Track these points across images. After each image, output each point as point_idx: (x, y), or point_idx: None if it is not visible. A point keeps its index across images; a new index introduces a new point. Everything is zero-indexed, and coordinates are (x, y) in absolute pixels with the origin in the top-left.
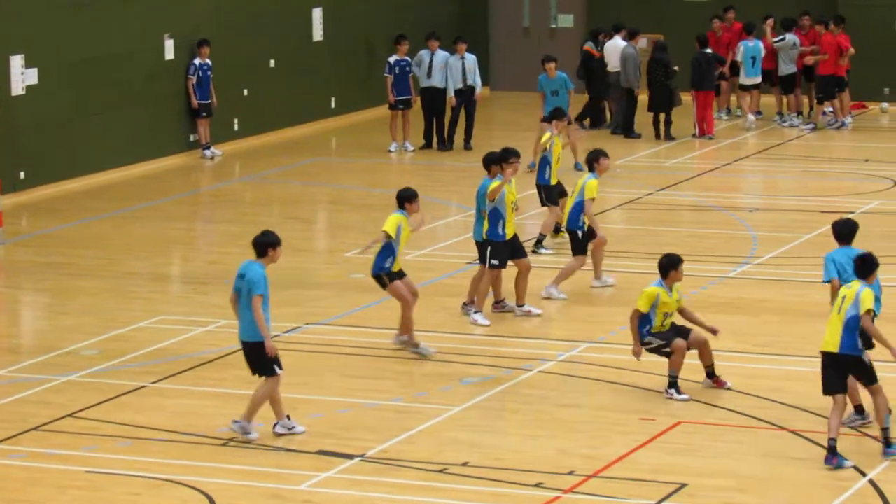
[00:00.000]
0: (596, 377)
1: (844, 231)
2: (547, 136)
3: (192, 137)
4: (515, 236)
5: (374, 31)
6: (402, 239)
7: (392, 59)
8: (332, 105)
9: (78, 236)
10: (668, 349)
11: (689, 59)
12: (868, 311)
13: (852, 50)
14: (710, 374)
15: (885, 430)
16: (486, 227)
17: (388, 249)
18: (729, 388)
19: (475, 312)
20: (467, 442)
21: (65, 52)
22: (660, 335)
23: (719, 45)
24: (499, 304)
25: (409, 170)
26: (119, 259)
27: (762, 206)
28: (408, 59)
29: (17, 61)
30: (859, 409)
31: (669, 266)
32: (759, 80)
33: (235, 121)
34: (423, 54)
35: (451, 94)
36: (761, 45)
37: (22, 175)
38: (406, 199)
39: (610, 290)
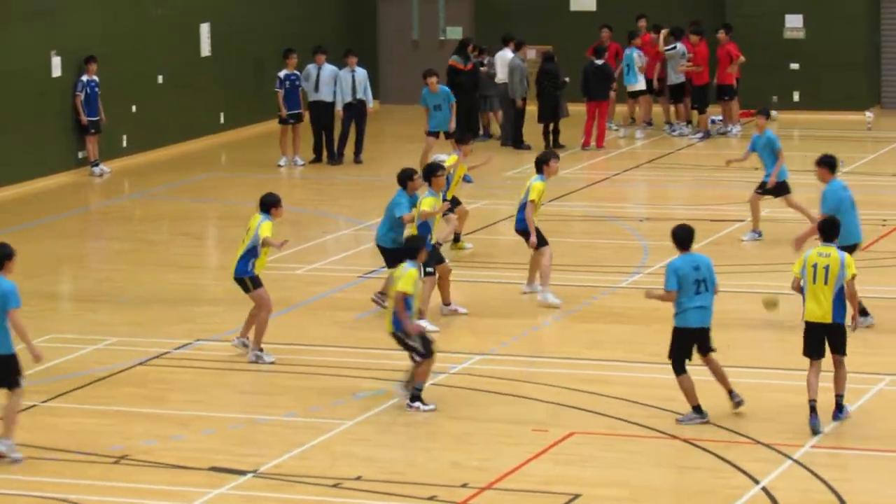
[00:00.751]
0: (488, 389)
1: (685, 237)
2: (454, 159)
3: (80, 154)
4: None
5: (263, 46)
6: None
7: (282, 74)
8: (221, 120)
9: None
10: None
11: (579, 70)
12: (854, 277)
13: (742, 58)
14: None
15: (840, 396)
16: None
17: (252, 253)
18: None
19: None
20: (361, 456)
21: None
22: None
23: (608, 54)
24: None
25: (300, 184)
26: None
27: (652, 216)
28: (297, 73)
29: None
30: (697, 409)
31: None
32: (638, 87)
33: (124, 137)
34: (311, 68)
35: (339, 107)
36: (637, 52)
37: None
38: (272, 204)
39: (498, 301)
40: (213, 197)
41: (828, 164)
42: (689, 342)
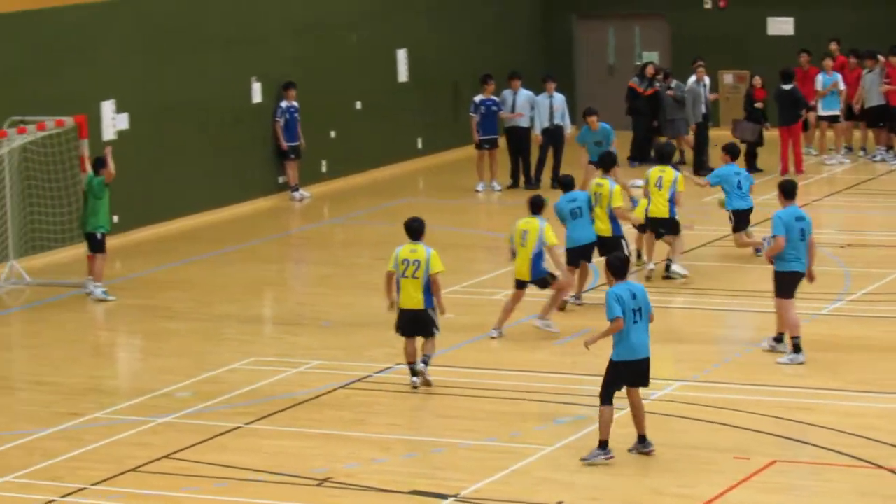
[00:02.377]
0: (689, 415)
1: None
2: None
3: (280, 179)
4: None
5: (460, 72)
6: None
7: (477, 99)
8: (419, 145)
9: (170, 279)
10: None
11: (772, 94)
12: None
13: None
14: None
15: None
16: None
17: (540, 255)
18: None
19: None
20: (561, 481)
21: (155, 97)
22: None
23: (806, 79)
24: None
25: (497, 209)
26: (211, 301)
27: (854, 242)
28: (494, 98)
29: (108, 106)
30: (642, 439)
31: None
32: (834, 112)
33: (323, 162)
34: (507, 94)
35: (537, 132)
36: (832, 76)
37: (115, 219)
38: (543, 205)
39: (698, 329)
40: None
41: None
42: (625, 374)
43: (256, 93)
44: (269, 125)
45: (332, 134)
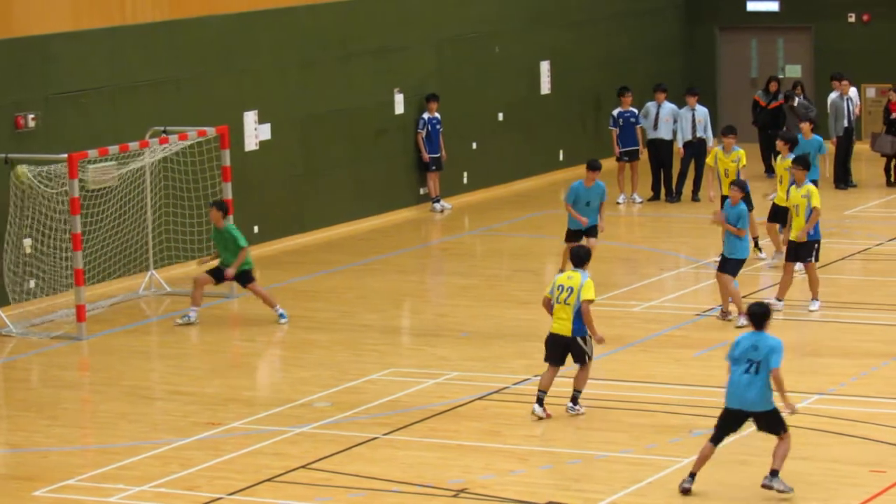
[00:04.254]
0: (826, 429)
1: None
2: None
3: (421, 191)
4: None
5: (602, 84)
6: None
7: (616, 112)
8: (560, 157)
9: (311, 289)
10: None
11: None
12: None
13: None
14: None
15: None
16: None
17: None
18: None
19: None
20: (696, 492)
21: (296, 108)
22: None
23: None
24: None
25: (638, 221)
26: (351, 312)
27: None
28: (633, 110)
29: (250, 117)
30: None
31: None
32: None
33: (465, 174)
34: (650, 106)
35: (679, 145)
36: None
37: (255, 229)
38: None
39: (836, 342)
40: (551, 233)
41: None
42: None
43: (399, 104)
44: (412, 137)
45: (474, 145)
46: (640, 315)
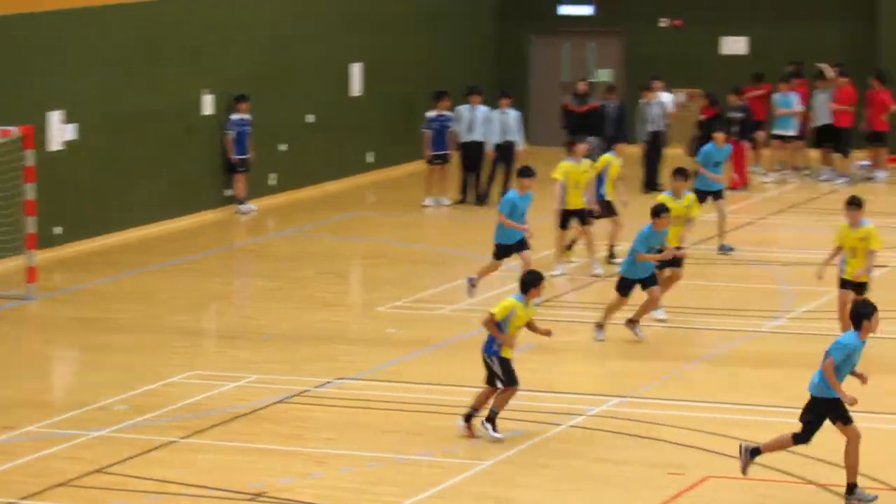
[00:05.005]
0: (625, 431)
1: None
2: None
3: (227, 192)
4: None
5: (413, 87)
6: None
7: (430, 115)
8: (370, 160)
9: (113, 291)
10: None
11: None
12: None
13: (894, 107)
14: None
15: None
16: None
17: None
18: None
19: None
20: (498, 497)
21: (104, 108)
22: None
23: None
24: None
25: (445, 224)
26: (154, 314)
27: (796, 261)
28: (447, 114)
29: (55, 117)
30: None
31: (530, 284)
32: (787, 132)
33: (272, 176)
34: (464, 109)
35: (489, 147)
36: (786, 96)
37: (59, 230)
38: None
39: (636, 346)
40: (358, 235)
41: None
42: None
43: (208, 105)
44: (219, 138)
45: (283, 147)
46: (446, 317)
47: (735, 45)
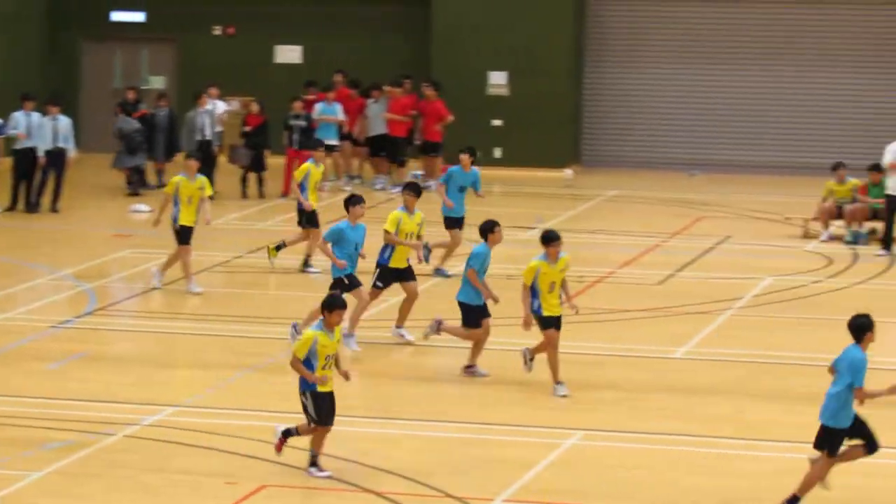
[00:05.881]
0: (181, 441)
1: None
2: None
3: None
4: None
5: None
6: None
7: None
8: None
9: None
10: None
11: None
12: None
13: (451, 118)
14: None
15: None
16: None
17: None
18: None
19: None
20: None
21: None
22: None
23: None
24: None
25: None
26: None
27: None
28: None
29: None
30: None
31: (326, 307)
32: (333, 140)
33: None
34: (19, 115)
35: (40, 154)
36: (332, 106)
37: None
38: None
39: (199, 352)
40: None
41: None
42: None
43: None
44: None
45: None
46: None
47: (290, 54)
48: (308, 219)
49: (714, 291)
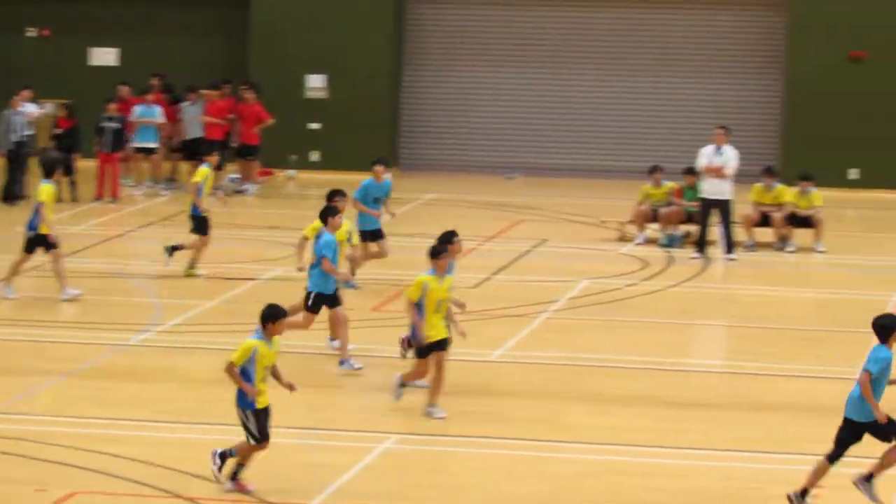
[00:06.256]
0: None
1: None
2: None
3: None
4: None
5: None
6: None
7: None
8: None
9: None
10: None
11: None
12: None
13: (271, 120)
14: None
15: None
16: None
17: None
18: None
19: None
20: None
21: None
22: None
23: (127, 110)
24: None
25: None
26: None
27: (169, 273)
28: None
29: None
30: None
31: (268, 319)
32: (150, 144)
33: None
34: None
35: None
36: (149, 109)
37: None
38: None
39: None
40: None
41: None
42: None
43: None
44: None
45: None
46: None
47: (105, 56)
48: (198, 225)
49: (530, 294)
